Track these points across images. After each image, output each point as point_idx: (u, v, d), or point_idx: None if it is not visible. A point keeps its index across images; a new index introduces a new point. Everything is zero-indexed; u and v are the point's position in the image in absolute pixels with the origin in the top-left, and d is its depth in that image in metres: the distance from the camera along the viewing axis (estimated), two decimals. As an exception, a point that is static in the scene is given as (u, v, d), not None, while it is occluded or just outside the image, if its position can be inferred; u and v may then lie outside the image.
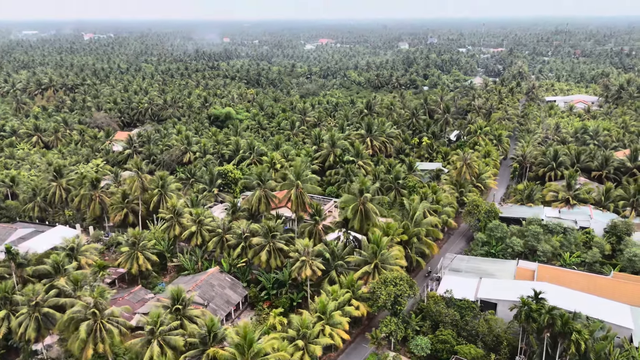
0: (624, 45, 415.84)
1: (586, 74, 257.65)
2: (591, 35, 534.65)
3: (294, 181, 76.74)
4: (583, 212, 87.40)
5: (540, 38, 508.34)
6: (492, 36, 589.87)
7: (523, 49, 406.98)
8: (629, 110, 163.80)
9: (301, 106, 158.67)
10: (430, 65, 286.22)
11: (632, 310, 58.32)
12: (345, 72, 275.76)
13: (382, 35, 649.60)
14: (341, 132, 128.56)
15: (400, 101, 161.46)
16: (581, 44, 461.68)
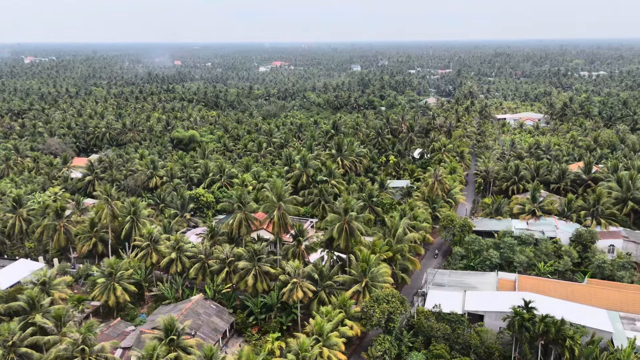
0: (558, 67, 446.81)
1: (530, 93, 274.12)
2: (528, 57, 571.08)
3: (275, 202, 76.15)
4: (549, 223, 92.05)
5: (484, 60, 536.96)
6: (438, 58, 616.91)
7: (469, 70, 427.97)
8: (574, 126, 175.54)
9: (267, 127, 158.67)
10: (385, 87, 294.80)
11: (609, 314, 61.59)
12: (304, 93, 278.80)
13: (334, 58, 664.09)
14: (310, 152, 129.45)
15: (364, 121, 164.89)
16: (520, 65, 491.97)
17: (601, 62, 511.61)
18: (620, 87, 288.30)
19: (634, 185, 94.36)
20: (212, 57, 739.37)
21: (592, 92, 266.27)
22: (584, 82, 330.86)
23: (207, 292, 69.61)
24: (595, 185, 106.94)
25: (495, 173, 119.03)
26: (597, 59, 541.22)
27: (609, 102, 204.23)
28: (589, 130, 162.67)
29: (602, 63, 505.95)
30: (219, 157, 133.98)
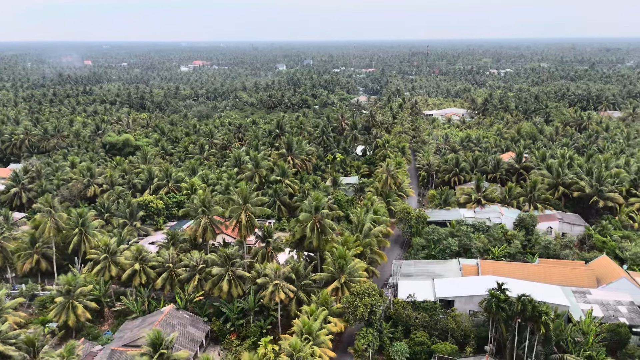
0: (471, 65, 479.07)
1: (451, 90, 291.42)
2: (442, 56, 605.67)
3: (242, 204, 74.53)
4: (494, 210, 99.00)
5: (403, 59, 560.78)
6: (359, 58, 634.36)
7: (391, 69, 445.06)
8: (496, 120, 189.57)
9: (207, 129, 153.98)
10: (316, 86, 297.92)
11: (562, 290, 67.83)
12: (236, 93, 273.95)
13: (257, 57, 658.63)
14: (257, 153, 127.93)
15: (307, 120, 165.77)
16: (436, 63, 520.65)
17: (506, 61, 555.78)
18: (527, 83, 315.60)
19: (562, 171, 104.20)
20: (126, 56, 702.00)
21: (503, 88, 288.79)
22: (495, 79, 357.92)
23: (178, 302, 66.59)
24: (527, 173, 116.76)
25: (437, 166, 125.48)
26: (502, 58, 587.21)
27: (523, 96, 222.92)
28: (511, 123, 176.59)
29: (506, 61, 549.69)
30: (162, 162, 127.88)
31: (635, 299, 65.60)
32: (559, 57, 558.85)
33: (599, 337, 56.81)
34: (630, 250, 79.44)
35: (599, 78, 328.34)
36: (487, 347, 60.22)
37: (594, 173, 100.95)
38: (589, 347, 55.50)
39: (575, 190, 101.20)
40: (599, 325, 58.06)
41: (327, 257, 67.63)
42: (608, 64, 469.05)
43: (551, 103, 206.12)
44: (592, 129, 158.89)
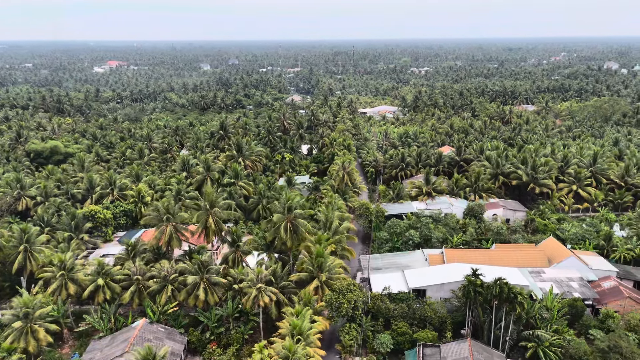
0: (391, 64, 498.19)
1: (379, 88, 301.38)
2: (364, 56, 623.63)
3: (209, 209, 72.06)
4: (443, 201, 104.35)
5: (328, 59, 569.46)
6: (284, 57, 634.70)
7: (317, 69, 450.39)
8: (427, 116, 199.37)
9: (144, 132, 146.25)
10: (248, 86, 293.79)
11: (520, 271, 73.25)
12: (165, 94, 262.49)
13: (177, 57, 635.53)
14: (203, 155, 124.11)
15: (253, 121, 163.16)
16: (360, 63, 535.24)
17: (423, 60, 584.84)
18: (447, 81, 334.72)
19: (501, 162, 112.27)
20: (29, 57, 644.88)
21: (426, 86, 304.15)
22: (417, 78, 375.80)
23: (150, 315, 62.97)
24: (467, 165, 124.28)
25: (383, 162, 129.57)
26: (420, 57, 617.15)
27: (449, 93, 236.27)
28: (443, 118, 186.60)
29: (424, 60, 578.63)
30: (101, 169, 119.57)
31: (582, 275, 72.61)
32: (471, 56, 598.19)
33: (561, 312, 62.23)
34: (570, 231, 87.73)
35: (508, 75, 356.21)
36: (464, 330, 63.59)
37: (529, 162, 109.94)
38: (554, 321, 60.67)
39: (513, 179, 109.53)
40: (559, 301, 63.56)
41: (305, 257, 67.45)
42: (513, 62, 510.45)
43: (475, 99, 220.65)
44: (515, 122, 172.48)
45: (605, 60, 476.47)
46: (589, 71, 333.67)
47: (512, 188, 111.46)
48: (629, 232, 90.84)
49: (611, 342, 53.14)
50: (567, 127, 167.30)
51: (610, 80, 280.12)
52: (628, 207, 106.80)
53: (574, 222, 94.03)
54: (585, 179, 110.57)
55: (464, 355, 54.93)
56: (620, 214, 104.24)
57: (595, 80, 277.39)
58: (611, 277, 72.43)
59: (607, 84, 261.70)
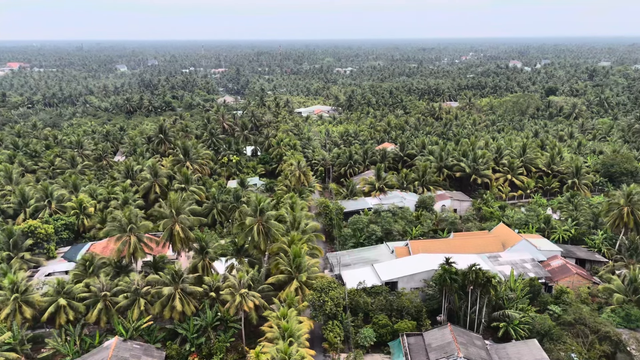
0: (314, 64, 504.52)
1: (310, 88, 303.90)
2: (288, 56, 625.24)
3: (175, 216, 68.77)
4: (395, 195, 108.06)
5: (252, 59, 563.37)
6: (206, 58, 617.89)
7: (243, 69, 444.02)
8: (362, 115, 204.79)
9: (73, 139, 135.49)
10: (175, 87, 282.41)
11: (479, 257, 78.02)
12: (85, 98, 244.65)
13: (87, 58, 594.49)
14: (144, 160, 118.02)
15: (192, 122, 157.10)
16: (285, 63, 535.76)
17: (346, 60, 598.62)
18: (373, 80, 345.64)
19: (444, 156, 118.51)
20: None
21: (354, 85, 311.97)
22: (343, 77, 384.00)
23: (122, 333, 58.89)
24: (411, 160, 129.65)
25: (331, 160, 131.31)
26: (342, 57, 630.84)
27: (379, 92, 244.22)
28: (379, 116, 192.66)
29: (346, 60, 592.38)
30: (31, 180, 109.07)
31: (533, 257, 78.97)
32: (390, 56, 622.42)
33: (523, 291, 67.32)
34: (513, 217, 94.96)
35: (428, 74, 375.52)
36: (439, 317, 66.59)
37: (469, 155, 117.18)
38: (519, 301, 65.51)
39: (457, 171, 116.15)
40: (521, 282, 68.72)
41: (281, 258, 66.63)
42: (430, 62, 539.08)
43: (405, 97, 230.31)
44: (445, 117, 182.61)
45: (509, 59, 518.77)
46: (499, 69, 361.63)
47: (455, 180, 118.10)
48: (561, 215, 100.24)
49: (576, 315, 58.54)
50: (492, 122, 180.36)
51: (519, 77, 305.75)
52: (556, 192, 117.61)
53: (516, 209, 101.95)
54: (517, 169, 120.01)
55: (448, 339, 57.61)
56: (550, 199, 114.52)
57: (507, 77, 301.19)
58: (557, 256, 79.54)
59: (517, 81, 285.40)
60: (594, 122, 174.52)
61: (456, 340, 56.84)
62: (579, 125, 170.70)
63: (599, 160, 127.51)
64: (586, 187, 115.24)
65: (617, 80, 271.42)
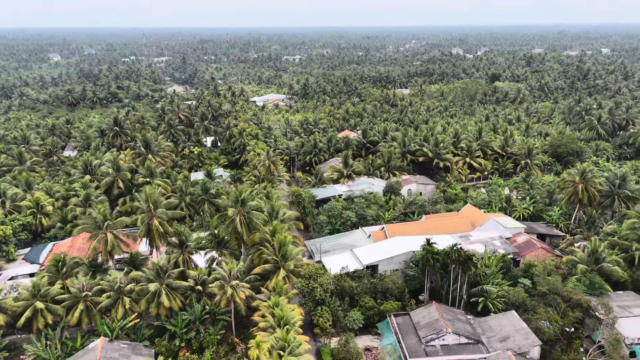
0: (261, 52, 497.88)
1: (262, 77, 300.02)
2: (234, 44, 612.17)
3: (152, 210, 66.45)
4: (364, 181, 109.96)
5: (196, 47, 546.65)
6: (145, 46, 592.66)
7: (189, 57, 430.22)
8: (318, 103, 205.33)
9: (17, 134, 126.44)
10: (119, 77, 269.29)
11: (452, 237, 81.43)
12: (21, 90, 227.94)
13: (13, 47, 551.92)
14: (101, 154, 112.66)
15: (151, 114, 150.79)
16: (230, 51, 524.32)
17: (293, 48, 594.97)
18: (323, 68, 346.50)
19: (407, 142, 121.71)
20: None
21: (305, 73, 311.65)
22: (293, 65, 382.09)
23: (107, 333, 56.57)
24: (374, 147, 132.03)
25: (295, 149, 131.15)
26: (289, 45, 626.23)
27: (333, 80, 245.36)
28: (337, 104, 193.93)
29: (293, 48, 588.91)
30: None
31: (501, 234, 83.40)
32: (337, 44, 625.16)
33: (497, 267, 71.15)
34: (477, 198, 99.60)
35: (377, 62, 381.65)
36: (422, 296, 69.12)
37: (431, 140, 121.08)
38: (493, 276, 69.21)
39: (420, 155, 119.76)
40: (494, 258, 72.54)
41: (266, 248, 66.29)
42: (376, 50, 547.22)
43: (359, 85, 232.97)
44: (400, 104, 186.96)
45: (451, 46, 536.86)
46: (444, 57, 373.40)
47: (418, 164, 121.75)
48: (518, 194, 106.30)
49: (550, 285, 62.80)
50: (444, 107, 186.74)
51: (463, 64, 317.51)
52: (510, 173, 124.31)
53: (479, 190, 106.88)
54: (475, 152, 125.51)
55: (435, 317, 60.06)
56: (506, 179, 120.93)
57: (453, 64, 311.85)
58: (522, 232, 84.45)
59: (462, 68, 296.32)
60: (537, 106, 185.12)
61: (443, 317, 59.38)
62: (524, 109, 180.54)
63: (546, 142, 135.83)
64: (537, 167, 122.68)
65: (553, 66, 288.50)
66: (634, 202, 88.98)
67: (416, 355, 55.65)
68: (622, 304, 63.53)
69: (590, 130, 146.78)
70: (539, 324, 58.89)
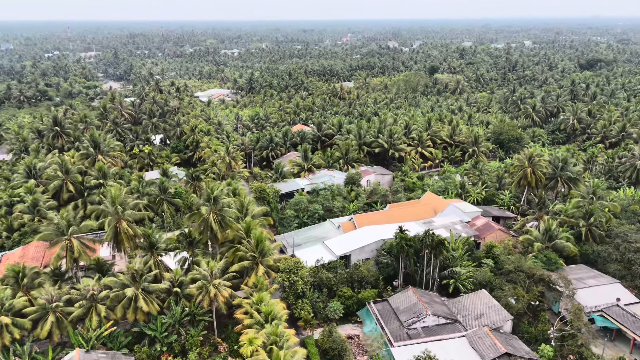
0: (196, 47, 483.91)
1: (202, 72, 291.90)
2: (168, 38, 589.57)
3: (118, 213, 63.33)
4: (324, 174, 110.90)
5: (126, 41, 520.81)
6: (69, 40, 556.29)
7: (121, 52, 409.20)
8: (266, 98, 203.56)
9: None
10: (47, 74, 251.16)
11: (416, 223, 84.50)
12: None
13: None
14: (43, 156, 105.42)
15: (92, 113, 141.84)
16: (164, 45, 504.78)
17: (229, 42, 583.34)
18: (264, 62, 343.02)
19: (363, 134, 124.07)
20: None
21: (246, 67, 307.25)
22: (233, 59, 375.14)
23: (82, 344, 53.51)
24: (329, 140, 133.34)
25: (250, 144, 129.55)
26: (225, 39, 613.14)
27: (279, 74, 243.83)
28: (285, 98, 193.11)
29: (229, 42, 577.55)
30: None
31: (461, 218, 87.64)
32: (274, 38, 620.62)
33: (463, 250, 74.88)
34: (434, 185, 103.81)
35: (317, 55, 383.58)
36: (396, 282, 71.28)
37: (385, 132, 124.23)
38: (461, 259, 72.82)
39: (376, 147, 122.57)
40: (460, 241, 76.26)
41: (243, 245, 65.38)
42: (313, 43, 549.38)
43: (305, 78, 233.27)
44: (348, 97, 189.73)
45: (387, 40, 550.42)
46: (382, 50, 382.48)
47: (374, 155, 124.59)
48: (469, 180, 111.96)
49: (515, 263, 67.11)
50: (390, 99, 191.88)
51: (402, 57, 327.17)
52: (459, 161, 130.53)
53: (432, 178, 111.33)
54: (425, 141, 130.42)
55: (413, 301, 62.34)
56: (455, 166, 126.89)
57: (392, 57, 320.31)
58: (479, 216, 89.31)
59: (401, 61, 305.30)
60: (476, 96, 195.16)
61: (421, 300, 61.78)
62: (465, 100, 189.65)
63: (489, 130, 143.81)
64: (484, 154, 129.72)
65: (484, 58, 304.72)
66: (574, 183, 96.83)
67: (400, 338, 57.54)
68: (577, 277, 69.19)
69: (526, 118, 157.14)
70: (508, 300, 62.85)
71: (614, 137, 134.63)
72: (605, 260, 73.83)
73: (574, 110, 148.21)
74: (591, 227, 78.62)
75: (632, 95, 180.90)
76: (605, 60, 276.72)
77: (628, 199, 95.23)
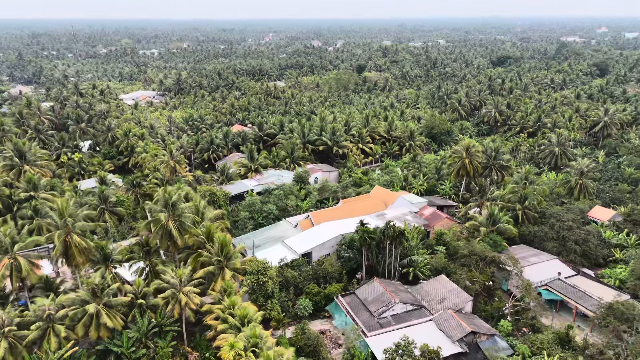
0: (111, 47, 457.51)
1: (123, 73, 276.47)
2: (77, 38, 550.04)
3: (67, 225, 58.77)
4: (272, 174, 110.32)
5: (28, 42, 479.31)
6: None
7: (25, 53, 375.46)
8: (197, 98, 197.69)
9: None
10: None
11: (369, 217, 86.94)
12: None
13: None
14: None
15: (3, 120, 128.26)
16: (74, 46, 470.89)
17: (147, 42, 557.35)
18: (187, 62, 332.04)
19: (306, 132, 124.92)
20: None
21: (170, 68, 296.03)
22: (153, 60, 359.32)
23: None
24: (272, 139, 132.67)
25: (190, 146, 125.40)
26: (142, 39, 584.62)
27: (208, 74, 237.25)
28: (219, 99, 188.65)
29: (147, 42, 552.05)
30: None
31: (410, 209, 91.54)
32: (194, 37, 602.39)
33: (418, 238, 78.37)
34: (380, 180, 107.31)
35: (243, 55, 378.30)
36: (359, 274, 72.97)
37: (327, 130, 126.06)
38: (417, 247, 76.21)
39: (320, 145, 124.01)
40: (414, 231, 79.71)
41: (206, 250, 63.50)
42: (236, 43, 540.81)
43: (235, 78, 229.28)
44: (283, 97, 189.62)
45: (309, 39, 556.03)
46: (307, 49, 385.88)
47: (318, 153, 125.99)
48: (409, 173, 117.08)
49: (469, 248, 71.46)
50: (325, 98, 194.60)
51: (329, 56, 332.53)
52: (398, 155, 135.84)
53: (377, 172, 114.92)
54: (365, 137, 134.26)
55: (380, 291, 64.33)
56: (395, 160, 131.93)
57: (319, 57, 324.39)
58: (426, 206, 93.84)
59: (328, 60, 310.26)
60: (404, 93, 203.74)
61: (388, 290, 63.94)
62: (394, 96, 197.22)
63: (421, 125, 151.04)
64: (419, 147, 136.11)
65: (405, 57, 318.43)
66: (505, 170, 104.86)
67: (373, 328, 59.18)
68: (520, 256, 75.15)
69: (453, 112, 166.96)
70: (466, 283, 66.92)
71: (531, 127, 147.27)
72: (542, 239, 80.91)
73: (495, 104, 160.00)
74: (526, 209, 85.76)
75: (542, 88, 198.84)
76: (514, 57, 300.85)
77: (552, 182, 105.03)
